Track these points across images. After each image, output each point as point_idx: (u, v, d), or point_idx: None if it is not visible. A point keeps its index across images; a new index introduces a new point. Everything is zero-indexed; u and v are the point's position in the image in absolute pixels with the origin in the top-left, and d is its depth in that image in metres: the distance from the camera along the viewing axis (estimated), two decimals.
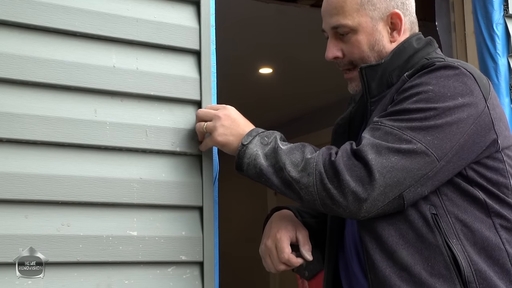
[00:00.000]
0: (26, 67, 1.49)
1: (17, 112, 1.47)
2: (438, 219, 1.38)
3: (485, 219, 1.40)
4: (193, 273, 1.61)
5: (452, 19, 2.88)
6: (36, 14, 1.51)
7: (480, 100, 1.41)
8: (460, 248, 1.36)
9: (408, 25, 1.59)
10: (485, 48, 2.63)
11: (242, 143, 1.48)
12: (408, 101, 1.40)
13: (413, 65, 1.53)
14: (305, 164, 1.40)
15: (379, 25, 1.56)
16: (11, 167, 1.45)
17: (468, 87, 1.41)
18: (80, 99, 1.55)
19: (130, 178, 1.57)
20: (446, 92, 1.39)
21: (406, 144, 1.35)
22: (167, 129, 1.63)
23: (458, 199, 1.41)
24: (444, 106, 1.38)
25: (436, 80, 1.41)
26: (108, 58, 1.59)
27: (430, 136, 1.36)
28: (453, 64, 1.43)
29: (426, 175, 1.36)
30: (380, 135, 1.38)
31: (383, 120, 1.41)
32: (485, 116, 1.41)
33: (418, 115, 1.38)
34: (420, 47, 1.56)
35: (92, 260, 1.50)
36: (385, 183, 1.33)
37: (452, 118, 1.37)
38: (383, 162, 1.34)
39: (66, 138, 1.51)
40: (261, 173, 1.45)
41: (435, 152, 1.36)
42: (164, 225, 1.59)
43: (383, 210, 1.36)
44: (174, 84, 1.65)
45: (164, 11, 1.68)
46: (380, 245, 1.40)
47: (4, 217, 1.43)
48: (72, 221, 1.50)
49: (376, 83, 1.54)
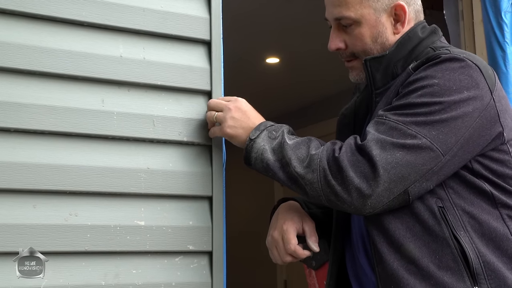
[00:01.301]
0: (33, 57, 1.49)
1: (24, 102, 1.47)
2: (445, 212, 1.38)
3: (492, 210, 1.40)
4: (201, 262, 1.62)
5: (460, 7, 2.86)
6: (43, 4, 1.51)
7: (486, 93, 1.40)
8: (468, 240, 1.36)
9: (413, 15, 1.58)
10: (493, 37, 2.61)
11: (250, 137, 1.49)
12: (413, 95, 1.39)
13: (418, 55, 1.52)
14: (310, 160, 1.40)
15: (383, 17, 1.54)
16: (19, 157, 1.45)
17: (474, 80, 1.40)
18: (88, 89, 1.55)
19: (138, 168, 1.57)
20: (451, 86, 1.38)
21: (411, 139, 1.35)
22: (174, 119, 1.63)
23: (464, 192, 1.40)
24: (449, 100, 1.37)
25: (442, 73, 1.39)
26: (115, 48, 1.59)
27: (435, 130, 1.35)
28: (458, 56, 1.42)
29: (431, 170, 1.35)
30: (384, 129, 1.38)
31: (387, 114, 1.40)
32: (490, 108, 1.40)
33: (423, 110, 1.37)
34: (425, 36, 1.55)
35: (99, 250, 1.51)
36: (389, 179, 1.33)
37: (458, 112, 1.36)
38: (388, 158, 1.33)
39: (74, 128, 1.51)
40: (268, 168, 1.46)
41: (440, 147, 1.35)
42: (172, 214, 1.60)
43: (388, 205, 1.36)
44: (181, 74, 1.65)
45: (171, 1, 1.67)
46: (387, 238, 1.40)
47: (12, 207, 1.43)
48: (80, 211, 1.50)
49: (381, 74, 1.53)
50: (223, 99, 1.62)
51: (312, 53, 4.62)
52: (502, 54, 2.58)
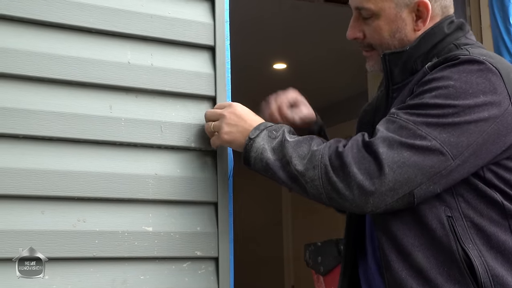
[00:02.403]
0: (42, 64, 1.49)
1: (33, 108, 1.48)
2: (453, 223, 1.35)
3: (502, 222, 1.36)
4: (208, 268, 1.62)
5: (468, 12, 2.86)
6: (51, 11, 1.52)
7: (504, 98, 1.35)
8: (476, 253, 1.33)
9: (439, 11, 1.52)
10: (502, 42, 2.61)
11: (249, 136, 1.48)
12: (427, 95, 1.36)
13: (440, 51, 1.48)
14: (311, 156, 1.38)
15: (404, 12, 1.49)
16: (27, 163, 1.46)
17: (492, 84, 1.34)
18: (96, 95, 1.55)
19: (146, 174, 1.57)
20: (467, 89, 1.33)
21: (420, 140, 1.31)
22: (182, 125, 1.63)
23: (474, 201, 1.37)
24: (463, 103, 1.32)
25: (459, 75, 1.35)
26: (123, 54, 1.60)
27: (446, 133, 1.31)
28: (478, 58, 1.37)
29: (439, 173, 1.31)
30: (394, 128, 1.35)
31: (399, 113, 1.37)
32: (508, 115, 1.35)
33: (435, 111, 1.33)
34: (450, 32, 1.49)
35: (108, 256, 1.51)
36: (394, 178, 1.30)
37: (472, 117, 1.32)
38: (395, 157, 1.30)
39: (82, 134, 1.52)
40: (267, 167, 1.44)
41: (450, 150, 1.31)
42: (179, 220, 1.60)
43: (391, 206, 1.33)
44: (188, 80, 1.66)
45: (178, 7, 1.68)
46: (396, 246, 1.38)
47: (21, 213, 1.44)
48: (88, 217, 1.50)
49: (399, 70, 1.50)
50: (218, 107, 1.61)
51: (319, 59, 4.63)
52: (510, 59, 2.58)
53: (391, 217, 1.38)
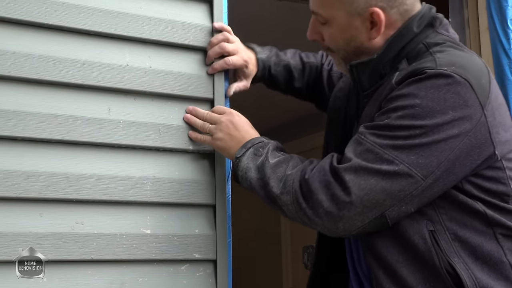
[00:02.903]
0: (40, 66, 1.49)
1: (31, 110, 1.47)
2: (437, 237, 1.32)
3: (486, 230, 1.34)
4: (207, 271, 1.62)
5: (466, 15, 2.86)
6: (50, 13, 1.52)
7: (476, 110, 1.30)
8: (462, 265, 1.30)
9: (397, 17, 1.43)
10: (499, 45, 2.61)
11: (236, 155, 1.49)
12: (393, 115, 1.31)
13: (409, 52, 1.42)
14: (285, 181, 1.38)
15: (356, 21, 1.43)
16: (25, 166, 1.46)
17: (462, 98, 1.29)
18: (94, 98, 1.55)
19: (144, 177, 1.57)
20: (435, 107, 1.29)
21: (387, 164, 1.28)
22: (180, 127, 1.63)
23: (456, 213, 1.34)
24: (431, 123, 1.28)
25: (425, 92, 1.30)
26: (122, 56, 1.60)
27: (414, 155, 1.28)
28: (445, 72, 1.31)
29: (410, 194, 1.29)
30: (361, 151, 1.32)
31: (366, 134, 1.33)
32: (481, 126, 1.31)
33: (402, 133, 1.29)
34: (419, 31, 1.43)
35: (106, 258, 1.51)
36: (362, 204, 1.28)
37: (441, 135, 1.28)
38: (361, 184, 1.28)
39: (80, 136, 1.52)
40: (251, 186, 1.46)
41: (419, 171, 1.28)
42: (177, 223, 1.60)
43: (364, 229, 1.32)
44: (187, 82, 1.66)
45: (176, 10, 1.68)
46: (382, 263, 1.36)
47: (19, 215, 1.44)
48: (86, 219, 1.50)
49: (368, 77, 1.46)
50: (217, 110, 1.62)
51: None
52: (508, 62, 2.58)
53: (375, 235, 1.36)
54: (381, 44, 1.45)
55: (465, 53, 1.41)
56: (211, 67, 1.68)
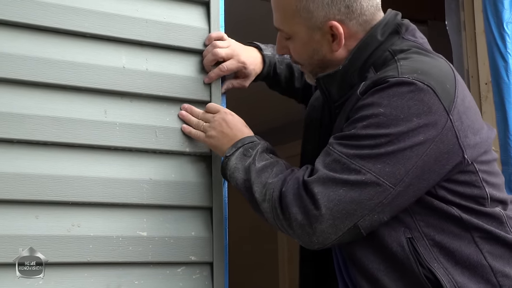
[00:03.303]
0: (36, 68, 1.49)
1: (27, 113, 1.47)
2: (415, 244, 1.32)
3: (464, 234, 1.34)
4: (203, 273, 1.61)
5: (462, 18, 2.87)
6: (46, 15, 1.52)
7: (440, 116, 1.30)
8: (442, 271, 1.30)
9: (358, 28, 1.44)
10: (495, 47, 2.62)
11: (226, 154, 1.50)
12: (358, 125, 1.32)
13: (375, 60, 1.43)
14: (267, 189, 1.38)
15: (317, 35, 1.44)
16: (21, 168, 1.45)
17: (425, 104, 1.29)
18: (90, 100, 1.55)
19: (140, 179, 1.57)
20: (398, 114, 1.28)
21: (355, 174, 1.28)
22: (177, 129, 1.63)
23: (432, 218, 1.34)
24: (396, 131, 1.28)
25: (388, 100, 1.30)
26: (118, 59, 1.59)
27: (380, 163, 1.28)
28: (407, 79, 1.30)
29: (380, 203, 1.28)
30: (329, 162, 1.32)
31: (334, 145, 1.34)
32: (447, 131, 1.30)
33: (368, 142, 1.29)
34: (384, 39, 1.43)
35: (102, 261, 1.51)
36: (332, 216, 1.28)
37: (406, 143, 1.28)
38: (330, 195, 1.28)
39: (76, 139, 1.52)
40: (237, 187, 1.47)
41: (387, 180, 1.28)
42: (174, 225, 1.60)
43: (339, 240, 1.31)
44: (183, 84, 1.66)
45: (173, 12, 1.68)
46: (364, 273, 1.36)
47: (15, 218, 1.44)
48: (82, 222, 1.50)
49: (336, 88, 1.46)
50: (210, 108, 1.62)
51: None
52: (504, 64, 2.58)
53: (355, 244, 1.36)
54: (344, 55, 1.45)
55: (430, 58, 1.41)
56: (207, 77, 1.68)
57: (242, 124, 1.58)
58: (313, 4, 1.41)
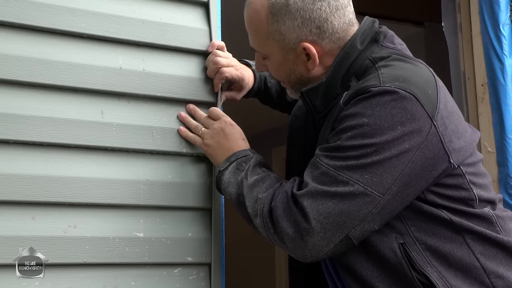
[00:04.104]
0: (33, 69, 1.49)
1: (24, 113, 1.47)
2: (407, 249, 1.33)
3: (455, 237, 1.34)
4: (200, 274, 1.61)
5: (459, 19, 2.87)
6: (42, 16, 1.51)
7: (424, 122, 1.30)
8: (436, 275, 1.31)
9: (332, 45, 1.44)
10: (492, 49, 2.62)
11: (219, 169, 1.51)
12: (343, 136, 1.32)
13: (357, 69, 1.43)
14: (258, 204, 1.38)
15: (291, 55, 1.45)
16: (18, 169, 1.45)
17: (408, 112, 1.29)
18: (87, 101, 1.55)
19: (137, 180, 1.57)
20: (383, 124, 1.29)
21: (343, 186, 1.29)
22: (174, 130, 1.63)
23: (423, 223, 1.35)
24: (381, 141, 1.28)
25: (372, 110, 1.30)
26: (115, 59, 1.59)
27: (368, 174, 1.28)
28: (389, 88, 1.30)
29: (370, 212, 1.29)
30: (318, 175, 1.33)
31: (321, 157, 1.34)
32: (432, 137, 1.31)
33: (354, 153, 1.30)
34: (363, 48, 1.44)
35: (98, 262, 1.50)
36: (323, 229, 1.28)
37: (392, 152, 1.28)
38: (319, 208, 1.28)
39: (73, 139, 1.51)
40: (232, 201, 1.48)
41: (375, 189, 1.28)
42: (170, 226, 1.59)
43: (332, 252, 1.31)
44: (180, 85, 1.66)
45: (170, 13, 1.68)
46: (357, 279, 1.36)
47: (11, 219, 1.43)
48: (79, 223, 1.50)
49: (320, 100, 1.47)
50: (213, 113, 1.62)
51: None
52: (500, 66, 2.59)
53: (347, 252, 1.36)
54: (321, 72, 1.47)
55: (410, 64, 1.41)
56: (214, 86, 1.70)
57: (240, 136, 1.57)
58: (284, 26, 1.42)
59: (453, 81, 2.86)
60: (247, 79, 1.77)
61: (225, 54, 1.71)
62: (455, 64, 2.86)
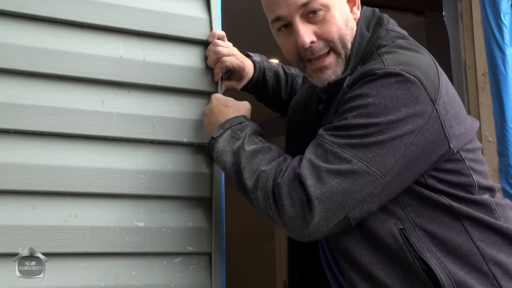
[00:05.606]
0: (33, 58, 1.49)
1: (24, 103, 1.47)
2: (407, 234, 1.33)
3: (454, 223, 1.35)
4: (200, 263, 1.62)
5: (460, 9, 2.87)
6: (43, 5, 1.51)
7: (427, 106, 1.31)
8: (435, 261, 1.31)
9: None
10: (493, 38, 2.62)
11: (212, 135, 1.50)
12: (349, 115, 1.33)
13: (364, 57, 1.45)
14: (258, 176, 1.37)
15: (343, 0, 1.49)
16: (18, 158, 1.45)
17: (412, 94, 1.31)
18: (87, 90, 1.55)
19: (137, 169, 1.57)
20: (388, 104, 1.30)
21: (346, 164, 1.29)
22: (174, 119, 1.63)
23: (422, 208, 1.35)
24: (386, 120, 1.29)
25: (377, 91, 1.31)
26: (115, 48, 1.59)
27: (371, 153, 1.29)
28: (394, 71, 1.32)
29: (370, 193, 1.29)
30: (321, 153, 1.33)
31: (324, 135, 1.35)
32: (433, 121, 1.32)
33: (358, 132, 1.30)
34: (371, 33, 1.47)
35: (99, 251, 1.50)
36: (325, 208, 1.28)
37: (396, 132, 1.29)
38: (323, 188, 1.28)
39: (74, 129, 1.51)
40: (225, 170, 1.46)
41: (377, 169, 1.28)
42: (171, 216, 1.60)
43: (329, 232, 1.31)
44: (181, 74, 1.65)
45: (170, 2, 1.67)
46: (356, 267, 1.36)
47: (12, 208, 1.43)
48: (80, 212, 1.50)
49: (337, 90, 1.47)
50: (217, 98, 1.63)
51: None
52: (501, 55, 2.59)
53: (345, 239, 1.37)
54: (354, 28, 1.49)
55: (412, 51, 1.42)
56: (214, 75, 1.70)
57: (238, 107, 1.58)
58: None
59: (454, 71, 2.86)
60: (248, 69, 1.77)
61: (225, 43, 1.71)
62: (456, 54, 2.86)
